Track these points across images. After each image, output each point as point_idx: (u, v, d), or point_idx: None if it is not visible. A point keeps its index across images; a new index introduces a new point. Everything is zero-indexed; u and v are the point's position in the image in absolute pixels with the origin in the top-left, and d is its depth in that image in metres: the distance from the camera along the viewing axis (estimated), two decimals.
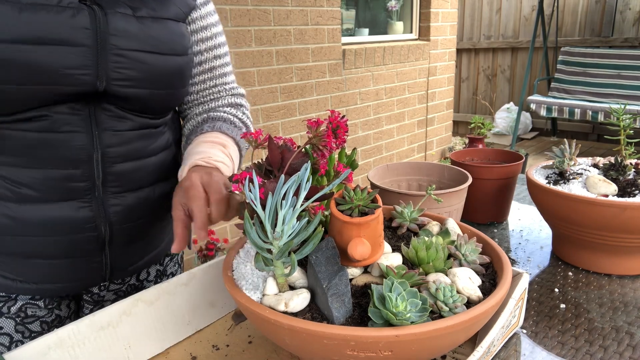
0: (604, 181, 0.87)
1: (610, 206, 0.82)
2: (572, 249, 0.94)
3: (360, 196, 0.60)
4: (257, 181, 0.55)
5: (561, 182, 0.93)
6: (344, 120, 0.68)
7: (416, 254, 0.62)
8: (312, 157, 0.66)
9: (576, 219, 0.87)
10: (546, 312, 0.80)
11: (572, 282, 0.89)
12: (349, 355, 0.51)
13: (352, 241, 0.57)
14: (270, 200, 0.54)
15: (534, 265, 0.96)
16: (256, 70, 2.72)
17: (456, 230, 0.73)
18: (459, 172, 1.04)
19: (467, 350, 0.68)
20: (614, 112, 0.95)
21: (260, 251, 0.55)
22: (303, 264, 0.62)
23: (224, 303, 0.81)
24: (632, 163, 0.93)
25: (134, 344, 0.70)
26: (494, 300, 0.55)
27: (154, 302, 0.72)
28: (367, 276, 0.62)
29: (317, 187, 0.57)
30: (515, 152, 1.18)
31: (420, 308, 0.52)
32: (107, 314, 0.67)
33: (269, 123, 2.86)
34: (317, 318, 0.55)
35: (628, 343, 0.71)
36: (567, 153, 0.97)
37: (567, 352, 0.70)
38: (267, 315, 0.53)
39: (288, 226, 0.54)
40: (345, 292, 0.55)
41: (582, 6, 5.20)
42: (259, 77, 2.75)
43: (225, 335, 0.76)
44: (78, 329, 0.64)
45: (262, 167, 0.64)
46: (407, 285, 0.54)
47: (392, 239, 0.71)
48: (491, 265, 0.66)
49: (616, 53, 4.64)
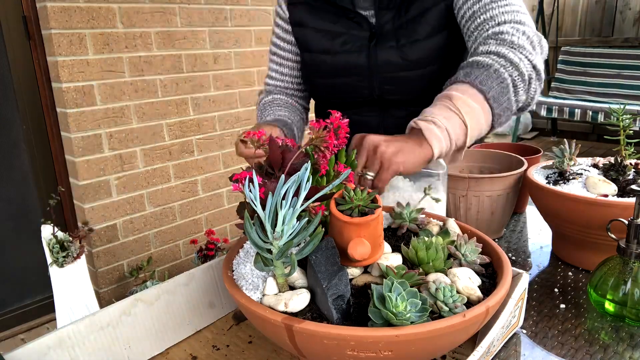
0: (604, 181, 0.87)
1: (610, 206, 0.82)
2: (572, 249, 0.94)
3: (360, 196, 0.60)
4: (257, 181, 0.55)
5: (561, 182, 0.93)
6: (345, 122, 0.68)
7: (416, 254, 0.62)
8: (312, 158, 0.66)
9: (576, 219, 0.87)
10: (546, 312, 0.80)
11: (572, 282, 0.89)
12: (349, 355, 0.51)
13: (352, 241, 0.57)
14: (270, 200, 0.54)
15: (534, 265, 0.96)
16: (256, 70, 2.73)
17: (456, 230, 0.73)
18: (518, 160, 1.09)
19: (467, 350, 0.68)
20: (613, 112, 0.95)
21: (260, 251, 0.55)
22: (303, 264, 0.62)
23: (224, 303, 0.81)
24: (632, 163, 0.93)
25: (134, 344, 0.70)
26: (494, 300, 0.55)
27: (154, 302, 0.72)
28: (367, 276, 0.62)
29: (317, 187, 0.57)
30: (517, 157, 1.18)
31: (420, 308, 0.52)
32: (107, 313, 0.67)
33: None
34: (317, 318, 0.55)
35: (628, 343, 0.71)
36: (567, 153, 0.97)
37: (567, 352, 0.70)
38: (267, 315, 0.53)
39: (288, 226, 0.54)
40: (345, 292, 0.55)
41: (582, 6, 5.20)
42: (259, 77, 2.75)
43: (225, 335, 0.76)
44: (78, 329, 0.65)
45: (263, 168, 0.64)
46: (407, 285, 0.54)
47: (392, 239, 0.71)
48: (491, 265, 0.66)
49: (616, 53, 4.64)
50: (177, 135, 2.48)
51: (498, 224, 1.05)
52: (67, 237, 1.73)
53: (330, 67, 1.09)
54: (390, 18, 1.05)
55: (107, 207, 2.27)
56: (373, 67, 1.06)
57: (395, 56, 1.04)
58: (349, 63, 1.07)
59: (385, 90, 1.08)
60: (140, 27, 2.25)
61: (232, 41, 2.60)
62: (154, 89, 2.35)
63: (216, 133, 2.65)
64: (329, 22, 1.09)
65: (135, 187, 2.36)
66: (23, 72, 2.14)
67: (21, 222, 2.28)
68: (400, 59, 1.04)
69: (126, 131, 2.28)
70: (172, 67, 2.40)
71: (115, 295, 2.36)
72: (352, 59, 1.06)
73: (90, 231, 1.97)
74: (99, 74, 2.15)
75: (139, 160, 2.35)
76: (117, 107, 2.23)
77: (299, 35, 1.14)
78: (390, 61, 1.04)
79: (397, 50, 1.04)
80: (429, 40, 1.03)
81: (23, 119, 2.19)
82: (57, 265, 1.67)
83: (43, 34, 2.07)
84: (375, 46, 1.05)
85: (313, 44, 1.11)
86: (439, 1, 1.02)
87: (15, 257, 2.29)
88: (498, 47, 0.85)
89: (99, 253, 2.28)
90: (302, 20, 1.12)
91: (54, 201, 1.73)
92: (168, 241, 2.54)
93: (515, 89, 0.83)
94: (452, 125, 0.77)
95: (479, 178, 0.99)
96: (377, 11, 1.05)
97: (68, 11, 2.02)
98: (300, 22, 1.13)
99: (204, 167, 2.63)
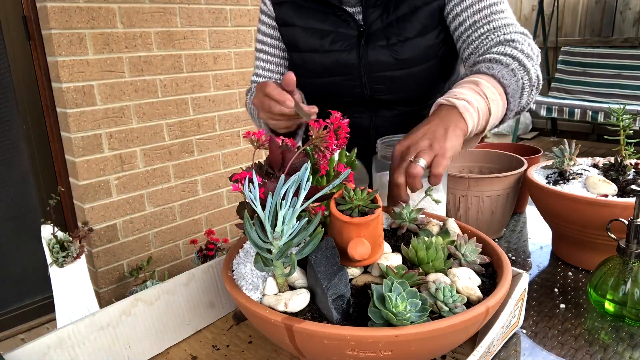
0: (604, 181, 0.87)
1: (610, 206, 0.82)
2: (572, 249, 0.94)
3: (360, 196, 0.60)
4: (257, 181, 0.55)
5: (561, 182, 0.93)
6: (345, 122, 0.68)
7: (416, 254, 0.62)
8: (312, 158, 0.66)
9: (576, 219, 0.87)
10: (546, 312, 0.80)
11: (572, 282, 0.89)
12: (349, 355, 0.51)
13: (352, 241, 0.57)
14: (270, 200, 0.54)
15: (534, 265, 0.96)
16: None
17: (456, 230, 0.73)
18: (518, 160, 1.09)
19: (467, 350, 0.68)
20: (613, 112, 0.95)
21: (260, 251, 0.55)
22: (303, 264, 0.62)
23: (224, 303, 0.81)
24: (632, 163, 0.93)
25: (134, 344, 0.70)
26: (494, 300, 0.55)
27: (154, 302, 0.72)
28: (367, 276, 0.62)
29: (317, 187, 0.57)
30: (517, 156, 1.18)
31: (420, 308, 0.52)
32: (107, 313, 0.67)
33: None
34: (317, 318, 0.55)
35: (628, 343, 0.71)
36: (567, 153, 0.97)
37: (567, 352, 0.70)
38: (267, 315, 0.53)
39: (288, 226, 0.54)
40: (345, 292, 0.55)
41: (582, 6, 5.20)
42: None
43: (225, 335, 0.76)
44: (78, 329, 0.65)
45: (263, 168, 0.64)
46: (407, 285, 0.54)
47: (392, 239, 0.71)
48: (491, 265, 0.66)
49: (616, 53, 4.65)
50: (177, 135, 2.48)
51: (498, 224, 1.05)
52: (67, 237, 1.73)
53: (319, 66, 1.08)
54: (378, 15, 1.04)
55: (107, 207, 2.27)
56: (364, 66, 1.05)
57: (386, 55, 1.03)
58: (338, 62, 1.06)
59: (375, 90, 1.07)
60: (140, 27, 2.25)
61: (232, 41, 2.60)
62: (154, 89, 2.35)
63: (216, 133, 2.65)
64: (316, 20, 1.08)
65: (135, 187, 2.36)
66: (23, 72, 2.14)
67: (21, 222, 2.28)
68: (391, 58, 1.03)
69: (126, 131, 2.28)
70: (172, 67, 2.40)
71: (115, 295, 2.36)
72: (342, 58, 1.06)
73: (90, 231, 1.97)
74: (99, 74, 2.15)
75: (139, 160, 2.35)
76: (117, 107, 2.23)
77: (286, 35, 1.12)
78: (380, 60, 1.04)
79: (388, 49, 1.03)
80: (420, 39, 1.02)
81: (23, 119, 2.19)
82: (57, 265, 1.67)
83: (43, 34, 2.07)
84: (365, 45, 1.04)
85: (301, 43, 1.10)
86: (430, 0, 1.02)
87: (15, 257, 2.29)
88: (513, 51, 0.87)
89: (99, 253, 2.28)
90: (289, 19, 1.11)
91: (54, 201, 1.73)
92: (168, 241, 2.54)
93: (522, 92, 0.85)
94: (481, 107, 0.77)
95: (479, 178, 0.99)
96: (364, 8, 1.05)
97: (68, 11, 2.03)
98: (287, 22, 1.12)
99: (204, 167, 2.63)
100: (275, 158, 0.63)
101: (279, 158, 0.63)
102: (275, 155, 0.63)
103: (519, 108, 0.89)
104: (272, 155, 0.63)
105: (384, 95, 1.08)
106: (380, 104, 1.10)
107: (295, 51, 1.12)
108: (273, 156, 0.63)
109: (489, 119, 0.78)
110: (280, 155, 0.63)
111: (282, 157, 0.63)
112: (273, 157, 0.63)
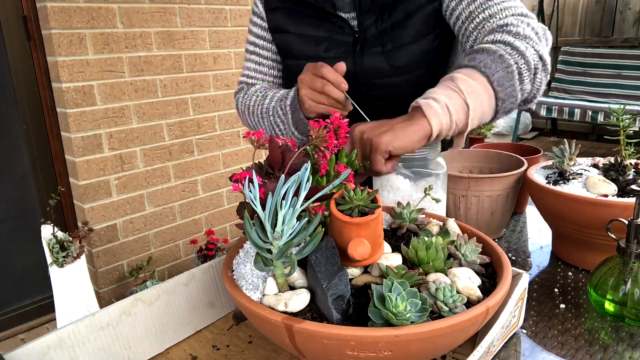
0: (604, 181, 0.87)
1: (610, 206, 0.82)
2: (572, 249, 0.94)
3: (360, 196, 0.60)
4: (257, 181, 0.55)
5: (561, 182, 0.93)
6: (345, 122, 0.68)
7: (416, 254, 0.62)
8: (312, 158, 0.66)
9: (576, 219, 0.87)
10: (546, 312, 0.80)
11: (572, 282, 0.89)
12: (349, 355, 0.51)
13: (352, 241, 0.57)
14: (270, 200, 0.54)
15: (534, 265, 0.96)
16: None
17: (456, 230, 0.73)
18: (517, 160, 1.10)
19: (467, 350, 0.68)
20: (613, 112, 0.95)
21: (260, 251, 0.55)
22: (303, 264, 0.62)
23: (224, 303, 0.81)
24: (632, 163, 0.93)
25: (134, 344, 0.70)
26: (494, 300, 0.55)
27: (154, 302, 0.72)
28: (367, 276, 0.62)
29: (317, 187, 0.57)
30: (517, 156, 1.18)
31: (420, 308, 0.52)
32: (107, 313, 0.67)
33: None
34: (317, 318, 0.55)
35: (628, 343, 0.71)
36: (567, 153, 0.97)
37: (567, 352, 0.70)
38: (267, 315, 0.53)
39: (288, 226, 0.54)
40: (345, 292, 0.55)
41: (582, 6, 5.20)
42: None
43: (225, 335, 0.76)
44: (78, 329, 0.65)
45: (263, 168, 0.64)
46: (407, 285, 0.54)
47: (392, 239, 0.71)
48: (491, 265, 0.66)
49: (616, 53, 4.65)
50: (177, 135, 2.48)
51: (498, 224, 1.05)
52: (67, 237, 1.73)
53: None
54: (373, 22, 1.02)
55: (107, 207, 2.27)
56: (359, 73, 1.03)
57: (382, 62, 1.02)
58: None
59: (371, 97, 1.05)
60: (140, 27, 2.26)
61: (232, 41, 2.60)
62: (154, 89, 2.35)
63: (216, 133, 2.65)
64: (311, 26, 1.06)
65: (135, 187, 2.36)
66: (23, 72, 2.14)
67: (21, 222, 2.28)
68: (387, 64, 1.02)
69: (126, 131, 2.28)
70: (172, 67, 2.40)
71: (115, 295, 2.36)
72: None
73: (90, 231, 1.97)
74: (99, 74, 2.15)
75: (138, 160, 2.35)
76: (117, 107, 2.23)
77: (280, 41, 1.10)
78: (376, 67, 1.02)
79: (383, 55, 1.02)
80: (416, 45, 1.01)
81: (23, 119, 2.19)
82: (57, 265, 1.67)
83: (43, 34, 2.07)
84: (360, 51, 1.03)
85: (296, 50, 1.08)
86: (424, 4, 1.00)
87: (15, 257, 2.29)
88: (504, 36, 0.84)
89: (99, 253, 2.28)
90: (283, 26, 1.09)
91: (53, 201, 1.73)
92: (168, 241, 2.54)
93: (521, 77, 0.82)
94: (453, 103, 0.75)
95: (479, 178, 0.99)
96: (359, 14, 1.03)
97: (68, 11, 2.03)
98: (281, 28, 1.09)
99: (204, 167, 2.63)
100: (275, 158, 0.63)
101: (279, 158, 0.63)
102: (275, 155, 0.63)
103: (525, 96, 0.85)
104: (272, 155, 0.63)
105: (380, 102, 1.05)
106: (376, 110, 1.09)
107: (289, 58, 1.10)
108: (273, 156, 0.63)
109: (469, 112, 0.76)
110: (280, 155, 0.63)
111: (282, 157, 0.63)
112: (273, 157, 0.63)
